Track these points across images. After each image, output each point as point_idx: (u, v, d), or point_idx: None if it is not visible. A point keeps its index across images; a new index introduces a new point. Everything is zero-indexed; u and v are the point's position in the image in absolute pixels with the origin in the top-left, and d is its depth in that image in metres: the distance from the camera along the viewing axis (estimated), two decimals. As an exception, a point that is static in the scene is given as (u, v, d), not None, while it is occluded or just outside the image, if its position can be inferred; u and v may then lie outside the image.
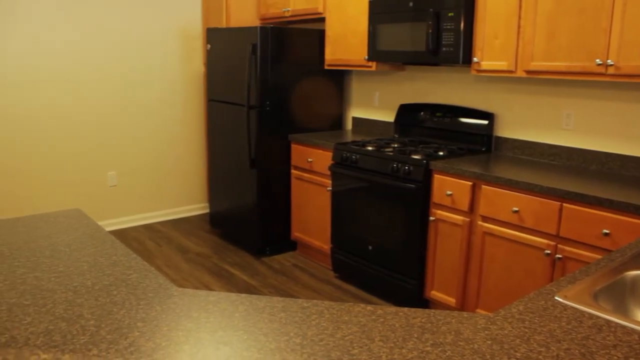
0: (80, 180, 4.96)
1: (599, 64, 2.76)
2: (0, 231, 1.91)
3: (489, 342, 1.17)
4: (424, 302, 3.55)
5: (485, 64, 3.27)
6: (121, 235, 5.03)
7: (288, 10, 4.61)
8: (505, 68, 3.17)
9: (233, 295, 1.37)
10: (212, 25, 5.17)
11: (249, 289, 3.89)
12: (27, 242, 1.80)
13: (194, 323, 1.24)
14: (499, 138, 3.68)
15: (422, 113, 4.06)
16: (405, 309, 1.31)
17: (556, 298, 1.39)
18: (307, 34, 4.41)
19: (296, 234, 4.52)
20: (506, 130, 3.65)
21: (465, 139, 3.79)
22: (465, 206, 3.15)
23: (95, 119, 4.94)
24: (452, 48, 3.34)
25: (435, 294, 3.43)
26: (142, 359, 1.09)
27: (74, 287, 1.45)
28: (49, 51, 4.61)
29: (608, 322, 1.28)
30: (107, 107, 4.99)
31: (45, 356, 0.64)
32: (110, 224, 5.20)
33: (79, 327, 1.22)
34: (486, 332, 1.21)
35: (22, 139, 4.60)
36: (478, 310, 3.22)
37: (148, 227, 5.26)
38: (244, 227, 4.59)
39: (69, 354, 0.65)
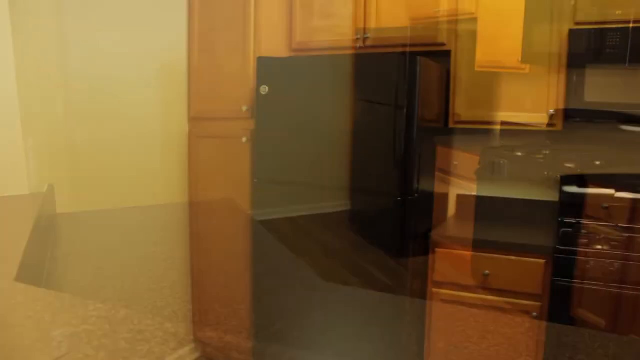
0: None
1: None
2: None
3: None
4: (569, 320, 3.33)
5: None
6: (266, 226, 5.25)
7: (438, 11, 4.54)
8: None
9: (378, 294, 1.38)
10: (360, 25, 5.22)
11: (386, 290, 3.89)
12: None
13: (339, 317, 1.26)
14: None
15: (578, 119, 3.82)
16: (557, 326, 1.25)
17: None
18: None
19: (437, 237, 4.43)
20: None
21: (627, 148, 3.51)
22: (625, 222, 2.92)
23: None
24: (616, 50, 3.11)
25: (582, 312, 3.21)
26: (288, 346, 1.14)
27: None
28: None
29: None
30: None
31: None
32: (255, 215, 5.44)
33: (230, 311, 1.29)
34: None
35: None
36: (632, 336, 2.97)
37: (290, 220, 5.44)
38: (384, 227, 4.60)
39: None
